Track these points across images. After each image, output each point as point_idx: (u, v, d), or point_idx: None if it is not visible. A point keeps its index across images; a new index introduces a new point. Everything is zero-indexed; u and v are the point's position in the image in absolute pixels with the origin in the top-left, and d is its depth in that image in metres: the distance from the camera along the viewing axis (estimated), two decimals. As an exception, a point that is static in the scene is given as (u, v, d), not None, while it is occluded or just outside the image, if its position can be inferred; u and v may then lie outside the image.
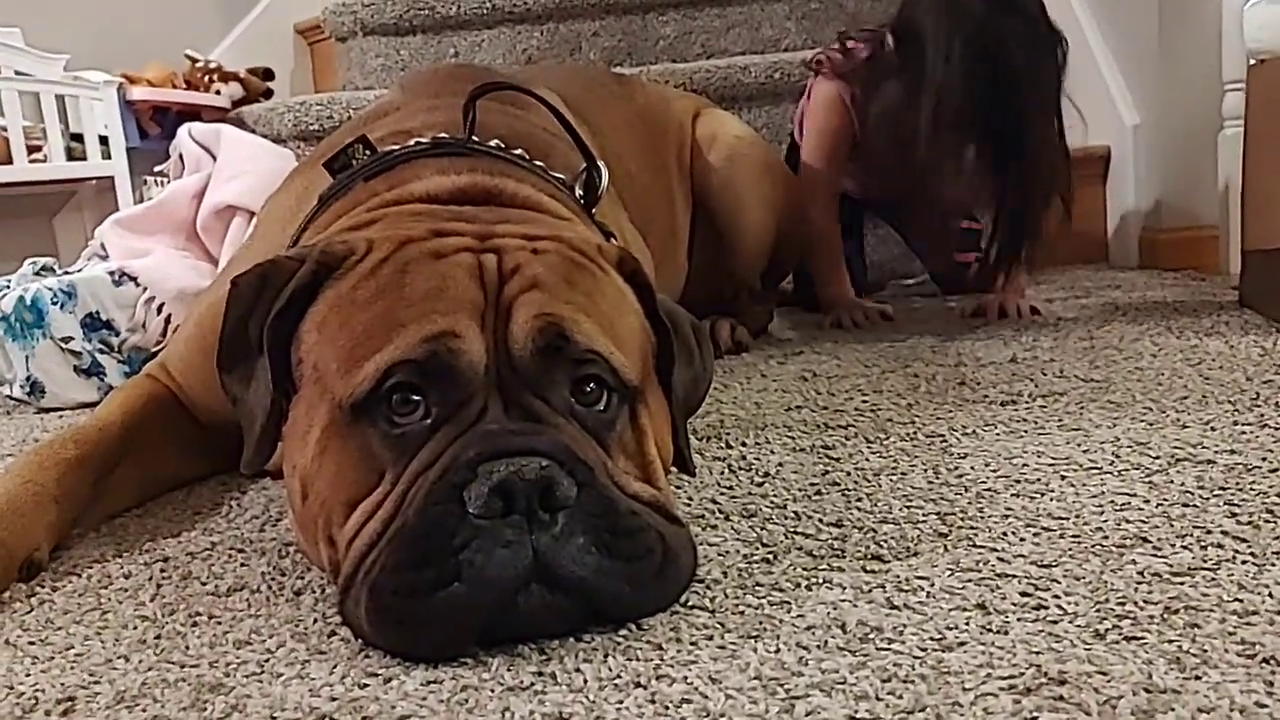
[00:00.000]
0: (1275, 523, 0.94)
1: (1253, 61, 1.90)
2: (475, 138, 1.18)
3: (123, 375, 2.00)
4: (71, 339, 1.98)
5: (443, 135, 1.18)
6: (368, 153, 1.17)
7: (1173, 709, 0.65)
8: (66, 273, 2.11)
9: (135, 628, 0.92)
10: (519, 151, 1.19)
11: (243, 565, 1.05)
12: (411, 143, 1.17)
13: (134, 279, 2.04)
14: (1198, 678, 0.69)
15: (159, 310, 2.03)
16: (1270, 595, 0.80)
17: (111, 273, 2.03)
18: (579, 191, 1.21)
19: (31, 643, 0.90)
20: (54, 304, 1.97)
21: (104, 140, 3.08)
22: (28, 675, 0.84)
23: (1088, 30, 2.83)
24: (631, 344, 0.97)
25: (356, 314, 0.91)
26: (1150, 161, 2.56)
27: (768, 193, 1.96)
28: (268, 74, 3.61)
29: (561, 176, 1.20)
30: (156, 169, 2.60)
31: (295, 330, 0.97)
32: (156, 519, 1.23)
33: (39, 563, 1.07)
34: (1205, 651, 0.72)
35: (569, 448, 0.84)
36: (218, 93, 3.44)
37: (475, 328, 0.88)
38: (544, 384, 0.88)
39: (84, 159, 3.06)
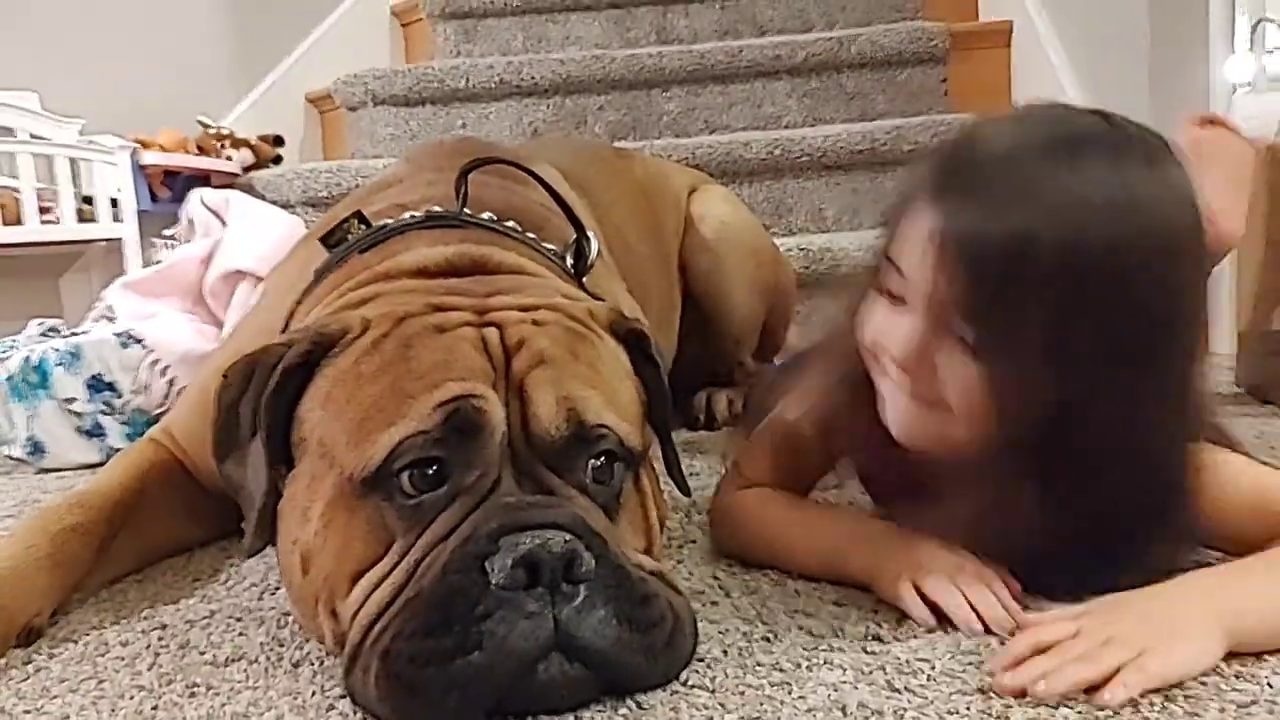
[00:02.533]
0: (1274, 610, 0.94)
1: (1244, 148, 1.94)
2: (468, 210, 1.20)
3: (124, 437, 2.01)
4: (75, 399, 1.99)
5: (435, 208, 1.20)
6: (362, 226, 1.20)
7: (1173, 800, 0.65)
8: (73, 334, 2.13)
9: (132, 698, 0.91)
10: (511, 223, 1.21)
11: (241, 635, 1.05)
12: (406, 216, 1.20)
13: (140, 341, 2.05)
14: (1198, 768, 0.69)
15: (163, 373, 2.05)
16: (1269, 685, 0.80)
17: (118, 334, 2.04)
18: (570, 261, 1.23)
19: (27, 712, 0.90)
20: (59, 365, 1.99)
21: (114, 203, 3.12)
22: (23, 745, 0.84)
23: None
24: (632, 410, 0.99)
25: (363, 388, 0.92)
26: (1146, 243, 2.60)
27: (753, 274, 1.98)
28: (278, 140, 3.67)
29: (553, 247, 1.22)
30: (166, 232, 2.63)
31: (292, 410, 0.98)
32: (156, 585, 1.23)
33: (38, 628, 1.07)
34: (1205, 742, 0.72)
35: (585, 520, 0.85)
36: (228, 158, 3.48)
37: (493, 392, 0.89)
38: (562, 463, 0.90)
39: (94, 221, 3.09)
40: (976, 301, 0.91)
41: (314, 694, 0.90)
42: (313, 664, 0.96)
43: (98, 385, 2.01)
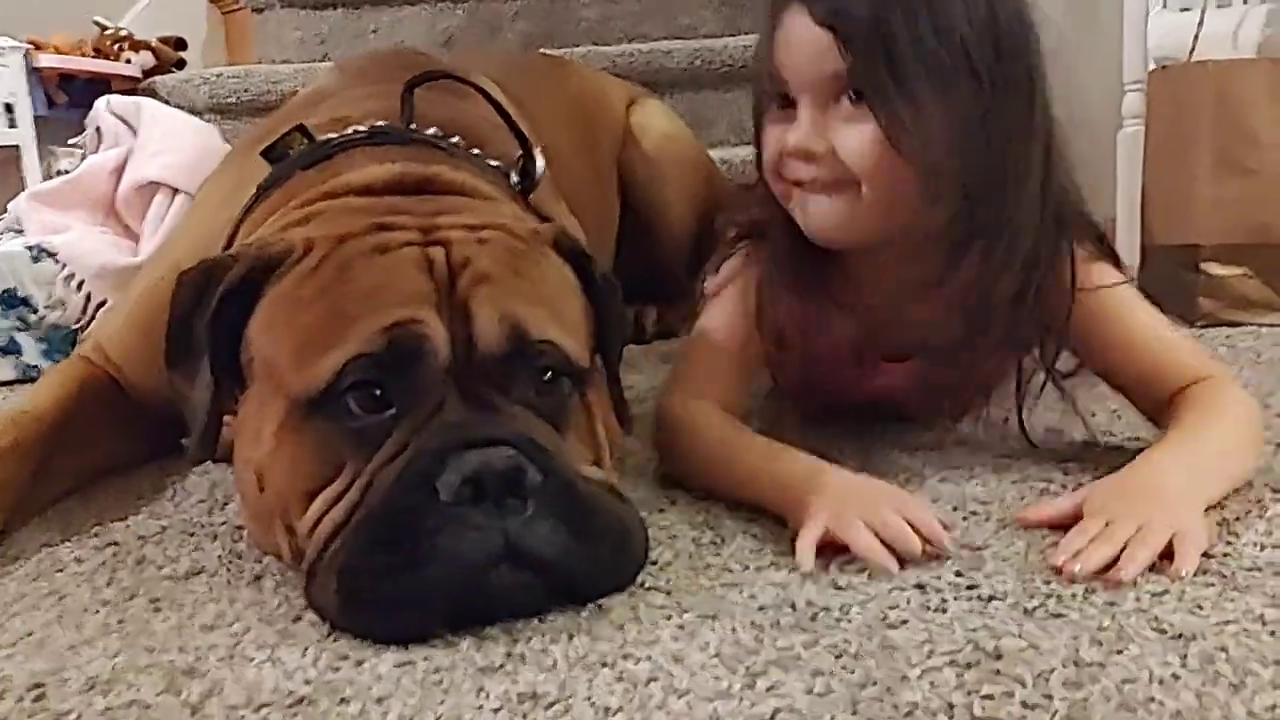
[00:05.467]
0: (1179, 507, 1.02)
1: (1154, 66, 2.01)
2: (413, 126, 1.19)
3: (40, 353, 1.97)
4: (-13, 316, 1.93)
5: (380, 124, 1.19)
6: (305, 141, 1.18)
7: (1098, 680, 0.72)
8: (-21, 247, 2.06)
9: (96, 613, 0.92)
10: (455, 139, 1.21)
11: (196, 549, 1.06)
12: (349, 131, 1.18)
13: (52, 255, 2.00)
14: (1119, 652, 0.76)
15: (78, 287, 2.00)
16: (1179, 577, 0.88)
17: (29, 248, 1.98)
18: (514, 178, 1.24)
19: (-11, 629, 0.91)
20: (-31, 281, 1.93)
21: (9, 108, 2.98)
22: (-10, 663, 0.85)
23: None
24: (577, 327, 1.01)
25: (302, 312, 0.93)
26: (1055, 156, 2.68)
27: (693, 189, 2.00)
28: (180, 44, 3.52)
29: (498, 163, 1.23)
30: (70, 141, 2.53)
31: (240, 328, 0.98)
32: (100, 503, 1.22)
33: (-15, 548, 1.07)
34: (1123, 628, 0.79)
35: (529, 436, 0.88)
36: (128, 61, 3.34)
37: (435, 315, 0.90)
38: (502, 378, 0.92)
39: (-12, 127, 2.96)
40: (866, 61, 1.08)
41: (279, 605, 0.92)
42: (274, 576, 0.98)
43: (10, 300, 1.96)
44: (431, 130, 1.20)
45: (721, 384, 1.22)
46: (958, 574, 0.90)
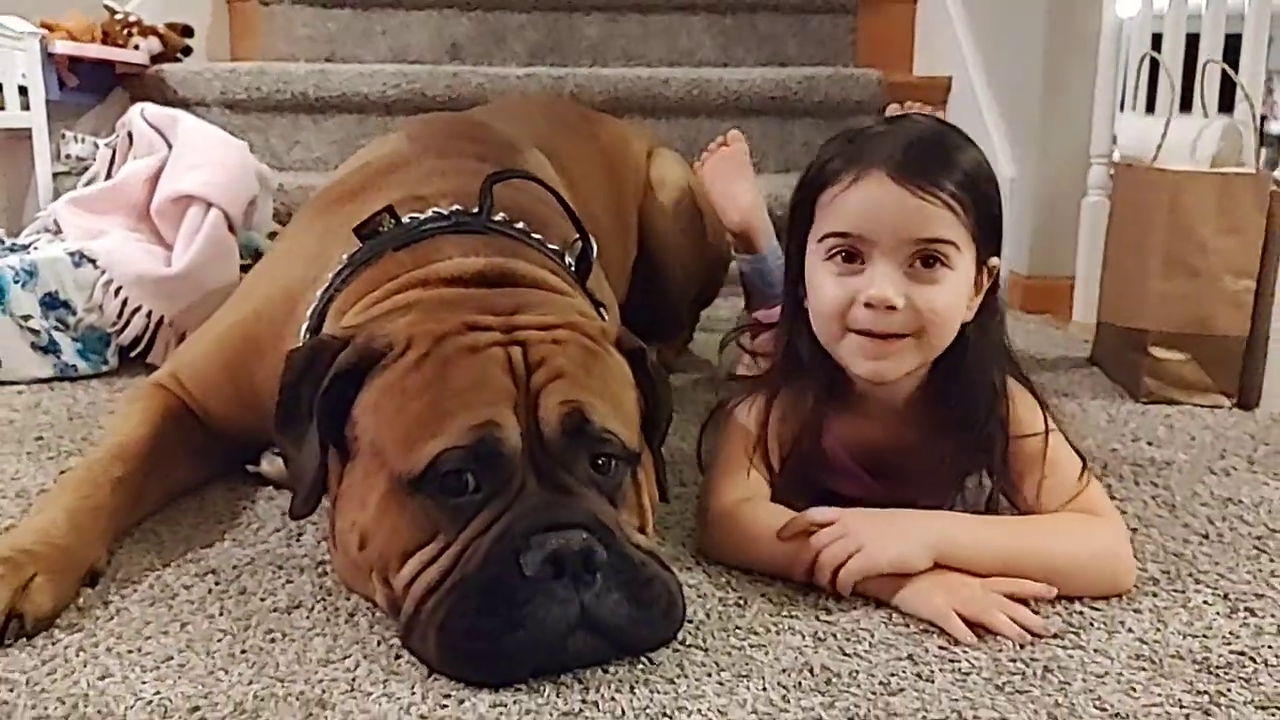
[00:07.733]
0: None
1: (1118, 158, 2.23)
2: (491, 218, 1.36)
3: (76, 353, 2.11)
4: (30, 317, 2.06)
5: (458, 208, 1.36)
6: (392, 220, 1.34)
7: (1055, 752, 0.92)
8: (21, 247, 2.18)
9: (220, 640, 1.09)
10: (521, 225, 1.38)
11: (289, 582, 1.23)
12: (430, 213, 1.36)
13: (93, 261, 2.12)
14: (1070, 727, 0.96)
15: (116, 293, 2.13)
16: (1115, 658, 1.09)
17: (71, 254, 2.11)
18: (569, 260, 1.41)
19: (130, 651, 1.07)
20: (15, 282, 2.05)
21: (23, 91, 3.05)
22: (143, 684, 1.01)
23: (976, 84, 3.15)
24: (632, 418, 1.19)
25: (408, 403, 1.11)
26: (1023, 214, 2.88)
27: (703, 242, 2.17)
28: (187, 30, 3.60)
29: (557, 248, 1.40)
30: (102, 143, 2.63)
31: (343, 405, 1.15)
32: (183, 527, 1.38)
33: (100, 571, 1.23)
34: (1073, 706, 1.00)
35: (597, 516, 1.06)
36: (136, 47, 3.42)
37: (511, 416, 1.09)
38: (569, 459, 1.10)
39: (1, 109, 3.03)
40: (978, 217, 1.28)
41: (379, 643, 1.09)
42: (366, 614, 1.15)
43: (52, 303, 2.09)
44: (501, 216, 1.37)
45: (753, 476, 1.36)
46: (941, 647, 1.10)
